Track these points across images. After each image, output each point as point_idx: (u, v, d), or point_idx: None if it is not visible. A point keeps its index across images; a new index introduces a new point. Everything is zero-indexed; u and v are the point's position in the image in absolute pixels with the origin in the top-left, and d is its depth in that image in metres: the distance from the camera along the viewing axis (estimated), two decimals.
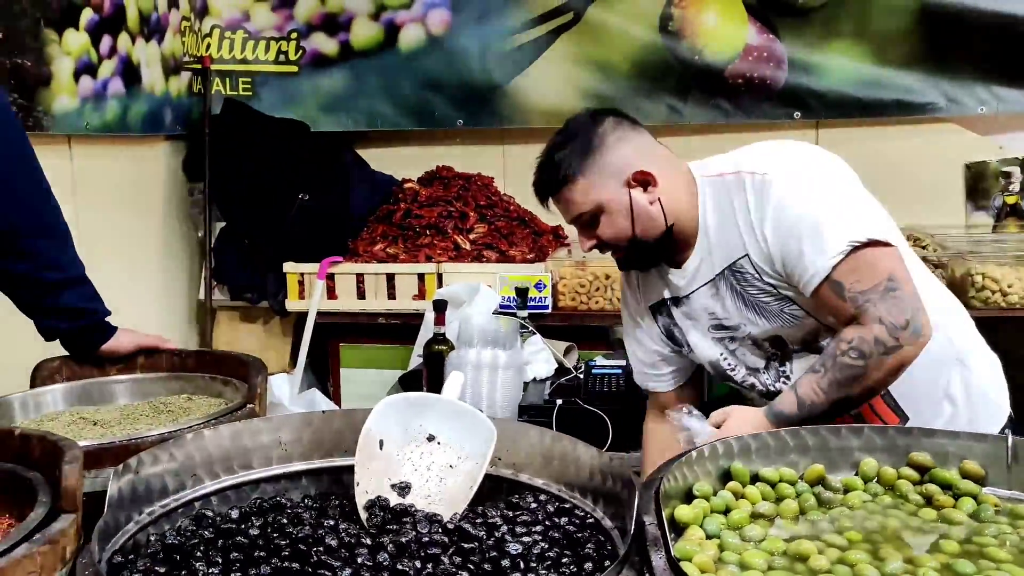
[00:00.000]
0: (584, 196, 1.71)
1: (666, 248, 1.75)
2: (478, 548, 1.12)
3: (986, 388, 1.83)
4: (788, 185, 1.62)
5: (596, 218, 1.73)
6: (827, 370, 1.60)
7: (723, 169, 1.71)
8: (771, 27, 3.34)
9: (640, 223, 1.70)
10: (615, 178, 1.70)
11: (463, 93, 3.55)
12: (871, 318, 1.56)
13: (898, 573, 1.13)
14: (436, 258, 3.18)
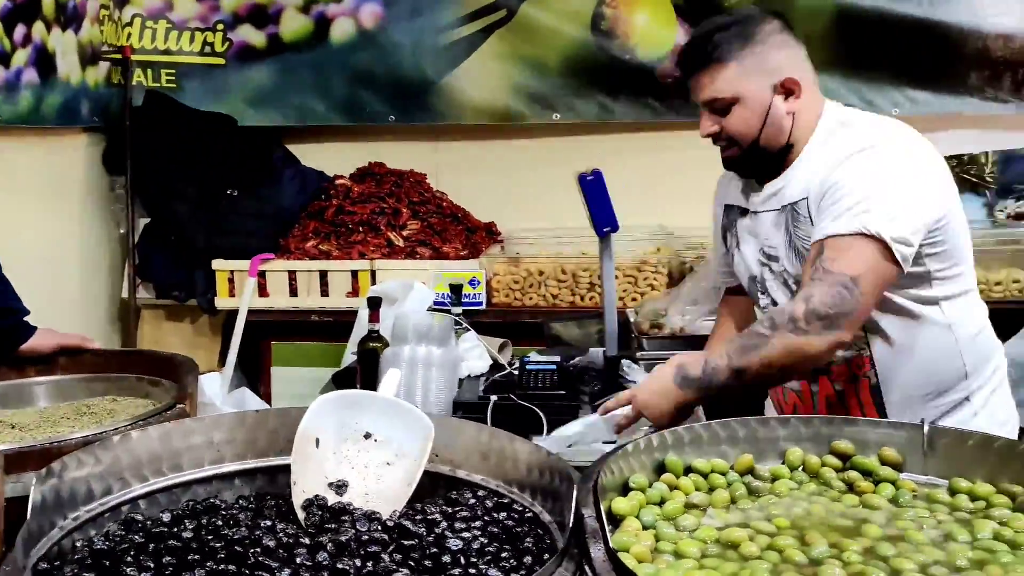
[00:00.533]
0: (729, 82, 1.71)
1: (771, 163, 1.78)
2: (418, 545, 1.12)
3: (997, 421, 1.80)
4: (879, 154, 1.65)
5: (729, 108, 1.73)
6: (742, 338, 1.63)
7: (847, 119, 1.76)
8: None
9: (768, 129, 1.73)
10: (766, 77, 1.71)
11: (395, 89, 3.53)
12: (806, 294, 1.59)
13: (823, 557, 1.17)
14: (369, 255, 3.15)
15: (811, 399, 1.86)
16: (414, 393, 2.37)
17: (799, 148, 1.76)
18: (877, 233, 1.57)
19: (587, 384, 2.34)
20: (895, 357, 1.76)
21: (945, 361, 1.76)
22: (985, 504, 1.32)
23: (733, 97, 1.72)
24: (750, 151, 1.76)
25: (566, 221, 3.15)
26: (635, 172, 3.50)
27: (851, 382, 1.80)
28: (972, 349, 1.78)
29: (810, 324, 1.57)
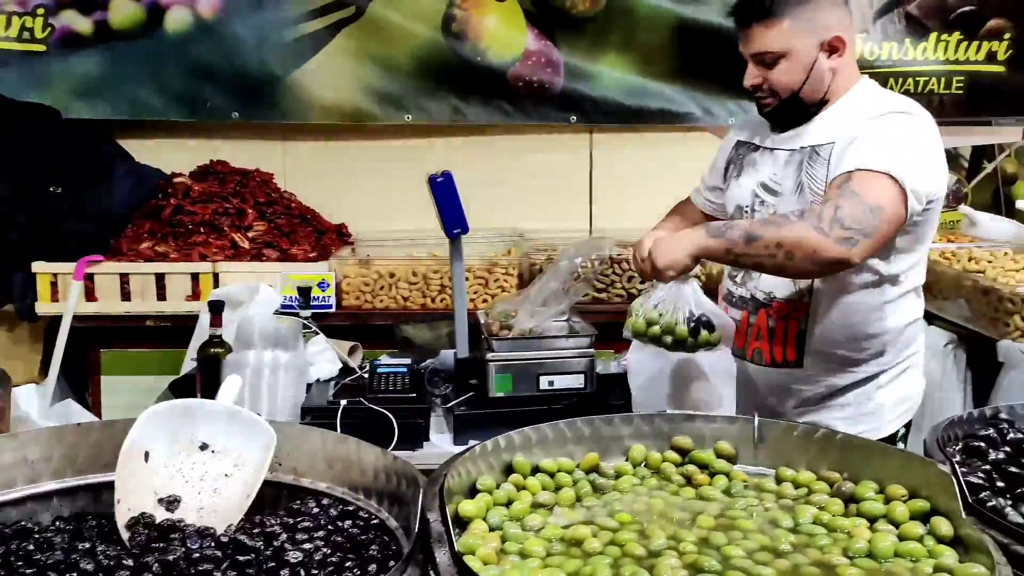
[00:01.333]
0: (782, 37, 1.80)
1: (804, 114, 1.88)
2: (255, 560, 1.08)
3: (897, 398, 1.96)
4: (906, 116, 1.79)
5: (777, 61, 1.82)
6: (769, 217, 1.77)
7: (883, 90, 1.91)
8: (549, 34, 3.47)
9: (810, 83, 1.83)
10: (816, 34, 1.81)
11: (238, 84, 3.37)
12: (835, 203, 1.68)
13: (662, 549, 1.22)
14: (211, 257, 3.01)
15: (747, 328, 1.98)
16: (260, 400, 2.29)
17: (833, 102, 1.88)
18: (900, 178, 1.68)
19: (438, 386, 2.33)
20: (827, 314, 1.88)
21: (869, 339, 1.89)
22: (807, 491, 1.41)
23: (783, 51, 1.82)
24: (788, 102, 1.87)
25: (417, 223, 3.12)
26: (487, 174, 3.53)
27: (783, 319, 1.92)
28: (897, 336, 1.92)
29: (832, 229, 1.65)
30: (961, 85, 3.59)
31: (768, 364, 1.97)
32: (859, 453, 1.44)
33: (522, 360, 2.24)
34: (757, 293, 1.96)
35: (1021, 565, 1.12)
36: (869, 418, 1.93)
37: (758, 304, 1.96)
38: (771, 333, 1.94)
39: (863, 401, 1.94)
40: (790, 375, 1.96)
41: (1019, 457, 1.43)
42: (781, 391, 1.98)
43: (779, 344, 1.93)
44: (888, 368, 1.94)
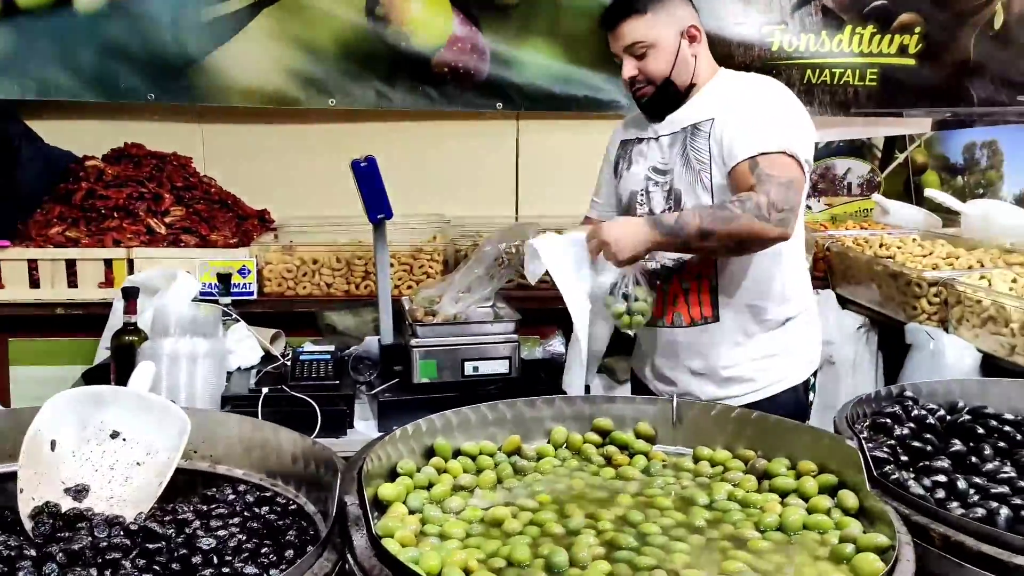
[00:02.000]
0: (646, 30, 2.01)
1: (676, 100, 2.07)
2: (165, 547, 1.05)
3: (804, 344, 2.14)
4: (773, 94, 2.02)
5: (646, 52, 2.02)
6: (713, 208, 1.91)
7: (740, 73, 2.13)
8: (474, 20, 3.46)
9: (677, 68, 2.03)
10: (675, 25, 2.03)
11: (153, 65, 3.26)
12: (764, 191, 1.86)
13: (580, 528, 1.23)
14: (126, 243, 2.91)
15: (662, 298, 2.09)
16: (178, 389, 2.23)
17: (700, 86, 2.08)
18: (795, 153, 1.90)
19: (362, 373, 2.31)
20: (733, 267, 2.05)
21: (770, 283, 2.06)
22: (723, 469, 1.45)
23: (651, 41, 2.02)
24: (663, 88, 2.06)
25: (342, 209, 3.08)
26: (413, 160, 3.50)
27: (696, 279, 2.07)
28: (792, 281, 2.10)
29: (771, 215, 1.85)
30: (875, 77, 3.72)
31: (688, 324, 2.09)
32: (773, 431, 1.48)
33: (446, 346, 2.24)
34: (666, 261, 2.09)
35: (921, 534, 1.17)
36: (784, 366, 2.10)
37: (670, 271, 2.09)
38: (686, 294, 2.09)
39: (777, 351, 2.09)
40: (709, 331, 2.08)
41: (922, 432, 1.49)
42: (704, 349, 2.10)
43: (695, 303, 2.08)
44: (794, 316, 2.10)
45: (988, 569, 1.10)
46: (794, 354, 2.11)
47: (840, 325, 2.97)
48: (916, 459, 1.41)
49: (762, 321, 2.07)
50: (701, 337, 2.09)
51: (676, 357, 2.13)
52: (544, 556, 1.14)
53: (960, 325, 2.51)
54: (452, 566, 1.09)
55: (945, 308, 2.58)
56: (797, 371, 2.12)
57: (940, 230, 3.38)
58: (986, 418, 1.53)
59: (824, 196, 4.05)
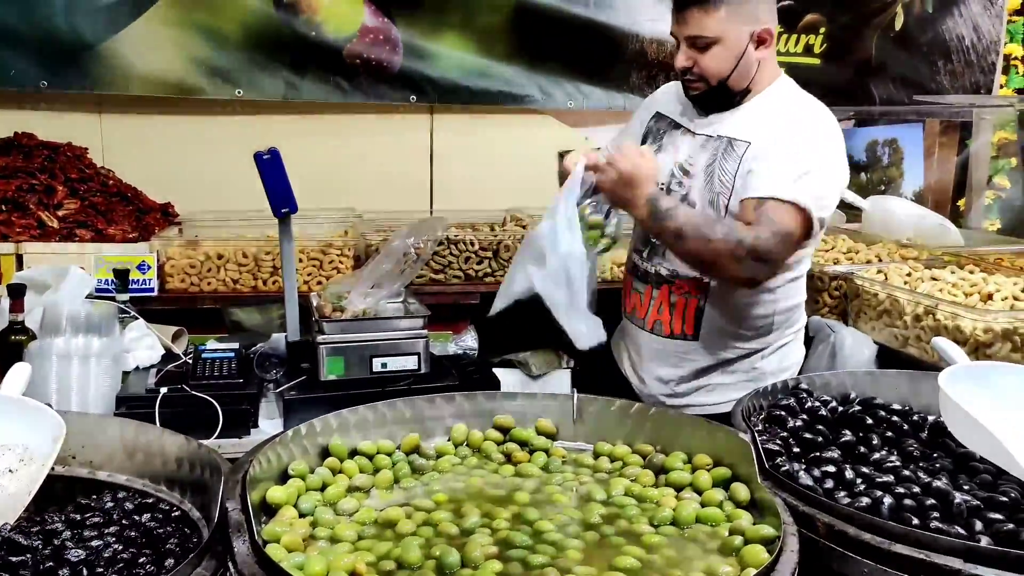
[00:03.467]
0: (716, 23, 1.87)
1: (728, 101, 1.97)
2: (31, 560, 0.99)
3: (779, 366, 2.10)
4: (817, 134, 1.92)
5: (709, 47, 1.90)
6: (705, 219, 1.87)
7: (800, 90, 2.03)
8: (386, 11, 3.40)
9: (739, 70, 1.92)
10: (748, 24, 1.90)
11: (46, 50, 3.09)
12: (755, 231, 1.80)
13: (475, 527, 1.22)
14: (14, 237, 2.77)
15: (649, 301, 2.10)
16: (69, 390, 2.14)
17: (754, 93, 1.98)
18: (807, 208, 1.83)
19: (268, 371, 2.25)
20: (723, 296, 2.00)
21: (759, 319, 2.03)
22: (622, 464, 1.46)
23: (716, 37, 1.89)
24: (717, 88, 1.95)
25: (250, 203, 2.99)
26: (324, 153, 3.43)
27: (684, 296, 2.04)
28: (785, 317, 2.07)
29: (745, 256, 1.79)
30: None
31: (667, 336, 2.08)
32: (671, 426, 1.49)
33: (354, 342, 2.20)
34: (661, 269, 2.07)
35: (808, 524, 1.19)
36: (752, 384, 2.04)
37: (661, 279, 2.07)
38: (672, 307, 2.06)
39: (747, 370, 2.08)
40: (685, 346, 2.07)
41: (815, 424, 1.53)
42: (675, 360, 2.10)
43: (679, 318, 2.05)
44: (773, 344, 2.09)
45: (869, 557, 1.13)
46: (765, 375, 2.06)
47: None
48: (807, 450, 1.44)
49: (740, 348, 2.05)
50: (678, 349, 2.08)
51: (651, 360, 2.13)
52: (436, 557, 1.13)
53: (859, 318, 2.59)
54: (339, 570, 1.06)
55: (845, 301, 2.66)
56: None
57: (843, 225, 3.48)
58: (875, 409, 1.58)
59: None
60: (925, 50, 3.96)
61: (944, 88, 4.02)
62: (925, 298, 2.34)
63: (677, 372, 2.10)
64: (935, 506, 1.24)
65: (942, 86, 4.01)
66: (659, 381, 2.13)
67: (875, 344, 2.48)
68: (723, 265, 1.82)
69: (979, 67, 4.06)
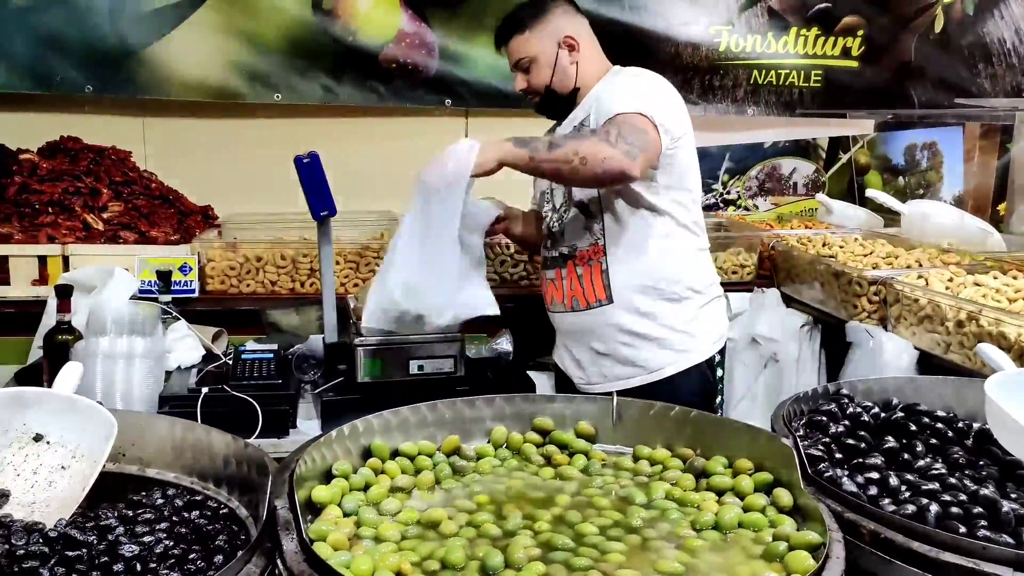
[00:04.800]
0: (526, 46, 2.22)
1: (565, 104, 2.26)
2: (87, 555, 1.02)
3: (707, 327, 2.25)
4: (642, 77, 2.22)
5: (529, 66, 2.24)
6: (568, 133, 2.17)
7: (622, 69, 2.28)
8: (422, 16, 3.43)
9: (557, 77, 2.23)
10: (552, 37, 2.22)
11: (92, 56, 3.17)
12: (613, 127, 1.98)
13: (517, 529, 1.23)
14: (61, 239, 2.83)
15: (561, 283, 2.29)
16: (114, 389, 2.18)
17: (585, 90, 2.24)
18: (650, 114, 2.04)
19: (306, 372, 2.28)
20: (618, 250, 2.20)
21: (657, 267, 2.19)
22: (662, 467, 1.45)
23: (531, 57, 2.22)
24: (547, 96, 2.26)
25: (288, 205, 3.03)
26: (360, 156, 3.46)
27: (588, 264, 2.24)
28: (684, 264, 2.23)
29: (618, 143, 1.96)
30: (819, 79, 3.78)
31: (585, 308, 2.25)
32: (711, 430, 1.49)
33: (391, 345, 2.21)
34: (563, 249, 2.29)
35: (852, 531, 1.18)
36: (685, 343, 2.22)
37: (565, 257, 2.28)
38: (580, 279, 2.25)
39: (677, 329, 2.21)
40: (605, 312, 2.22)
41: (857, 430, 1.51)
42: (603, 330, 2.24)
43: (589, 287, 2.23)
44: (690, 296, 2.22)
45: (916, 565, 1.12)
46: (694, 333, 2.22)
47: (784, 323, 3.01)
48: (850, 456, 1.43)
49: (656, 301, 2.19)
50: (599, 318, 2.23)
51: (581, 340, 2.29)
52: (479, 558, 1.13)
53: (898, 323, 2.56)
54: (384, 570, 1.07)
55: (884, 307, 2.63)
56: (699, 349, 2.23)
57: (881, 230, 3.44)
58: (919, 416, 1.56)
59: (770, 195, 4.10)
60: (965, 52, 3.91)
61: (984, 91, 3.96)
62: (968, 304, 2.31)
63: (607, 343, 2.23)
64: (982, 514, 1.22)
65: (982, 89, 3.96)
66: (597, 355, 2.25)
67: (915, 350, 2.45)
68: (600, 155, 1.94)
69: (1020, 69, 3.99)
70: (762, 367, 3.07)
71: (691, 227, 2.25)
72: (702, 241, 2.30)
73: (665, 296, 2.20)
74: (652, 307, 2.19)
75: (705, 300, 2.26)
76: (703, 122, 3.76)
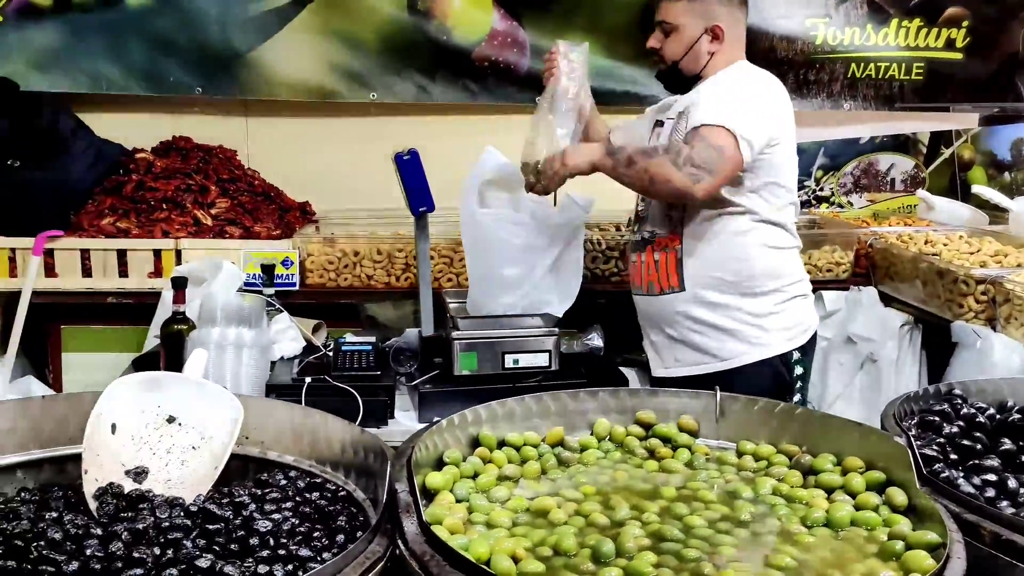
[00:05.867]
0: (675, 11, 2.26)
1: (683, 83, 2.32)
2: (224, 529, 1.08)
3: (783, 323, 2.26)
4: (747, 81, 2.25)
5: (670, 32, 2.27)
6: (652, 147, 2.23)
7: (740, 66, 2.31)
8: (515, 14, 3.47)
9: (689, 57, 2.27)
10: (703, 18, 2.25)
11: (201, 59, 3.32)
12: (689, 146, 2.07)
13: (626, 519, 1.24)
14: (174, 234, 2.97)
15: (641, 266, 2.36)
16: (224, 376, 2.27)
17: (705, 79, 2.28)
18: (733, 128, 2.06)
19: (403, 364, 2.33)
20: (695, 242, 2.24)
21: (733, 261, 2.22)
22: (767, 463, 1.45)
23: (674, 25, 2.26)
24: (670, 70, 2.32)
25: (382, 202, 3.11)
26: (452, 154, 3.49)
27: (664, 251, 2.29)
28: (761, 260, 2.24)
29: (684, 166, 2.04)
30: (920, 71, 3.66)
31: (659, 293, 2.31)
32: (818, 426, 1.47)
33: (487, 339, 2.25)
34: (644, 234, 2.36)
35: (972, 533, 1.16)
36: (759, 336, 2.24)
37: (645, 242, 2.35)
38: (657, 265, 2.31)
39: (749, 323, 2.23)
40: (677, 299, 2.27)
41: (972, 431, 1.48)
42: (674, 317, 2.29)
43: (664, 273, 2.29)
44: (766, 292, 2.24)
45: None
46: (768, 328, 2.23)
47: (883, 323, 2.93)
48: (965, 458, 1.40)
49: (727, 294, 2.22)
50: (671, 305, 2.29)
51: (656, 324, 2.36)
52: (591, 546, 1.16)
53: (1008, 324, 2.47)
54: (501, 553, 1.10)
55: (993, 306, 2.54)
56: (773, 344, 2.24)
57: (987, 227, 3.32)
58: None
59: (866, 192, 3.99)
60: None
61: None
62: None
63: (678, 329, 2.29)
64: None
65: None
66: (669, 340, 2.31)
67: None
68: (665, 176, 2.05)
69: None
70: (858, 367, 3.00)
71: (776, 223, 2.26)
72: (789, 238, 2.31)
73: (739, 289, 2.23)
74: (723, 299, 2.23)
75: (785, 297, 2.27)
76: (796, 118, 3.68)
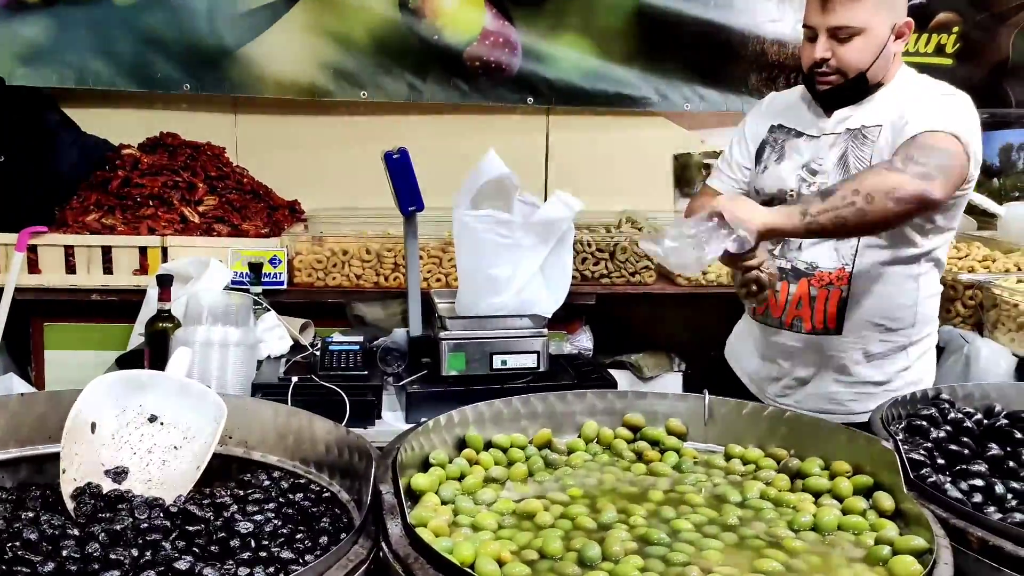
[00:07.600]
0: (858, 11, 1.82)
1: (859, 95, 1.91)
2: (204, 530, 1.06)
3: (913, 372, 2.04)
4: (956, 95, 1.88)
5: (852, 38, 1.84)
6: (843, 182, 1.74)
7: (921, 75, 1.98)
8: (506, 14, 3.46)
9: (878, 63, 1.86)
10: (891, 16, 1.85)
11: (189, 55, 3.29)
12: (904, 150, 1.73)
13: (612, 522, 1.23)
14: (160, 231, 2.94)
15: (786, 299, 2.01)
16: (209, 376, 2.25)
17: (883, 85, 1.92)
18: (963, 138, 1.74)
19: (391, 364, 2.32)
20: (867, 282, 1.94)
21: (900, 308, 1.97)
22: (754, 467, 1.44)
23: (861, 28, 1.83)
24: (855, 81, 1.88)
25: (371, 201, 3.10)
26: (442, 154, 3.49)
27: (826, 288, 1.97)
28: (924, 307, 2.00)
29: (907, 167, 1.68)
30: None
31: (808, 332, 2.01)
32: (806, 430, 1.47)
33: (475, 339, 2.24)
34: (798, 263, 2.00)
35: (959, 538, 1.16)
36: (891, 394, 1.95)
37: (799, 274, 2.00)
38: (812, 301, 1.98)
39: (893, 376, 2.01)
40: (828, 342, 2.00)
41: (959, 436, 1.47)
42: (817, 358, 2.03)
43: (820, 311, 1.97)
44: (915, 341, 2.02)
45: None
46: (908, 384, 1.97)
47: None
48: (953, 462, 1.40)
49: (885, 342, 1.99)
50: (818, 345, 2.01)
51: (787, 362, 2.07)
52: (577, 549, 1.14)
53: (995, 329, 2.48)
54: (485, 556, 1.09)
55: (980, 311, 2.55)
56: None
57: (975, 232, 3.33)
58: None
59: None
60: None
61: None
62: None
63: (816, 372, 2.04)
64: None
65: None
66: (798, 383, 2.06)
67: (1014, 356, 2.37)
68: (886, 186, 1.66)
69: None
70: None
71: (939, 267, 2.02)
72: (938, 279, 2.05)
73: (896, 338, 1.99)
74: (879, 347, 1.99)
75: (927, 347, 2.06)
76: None
